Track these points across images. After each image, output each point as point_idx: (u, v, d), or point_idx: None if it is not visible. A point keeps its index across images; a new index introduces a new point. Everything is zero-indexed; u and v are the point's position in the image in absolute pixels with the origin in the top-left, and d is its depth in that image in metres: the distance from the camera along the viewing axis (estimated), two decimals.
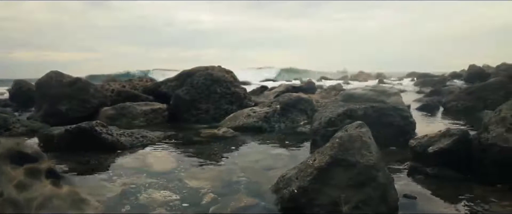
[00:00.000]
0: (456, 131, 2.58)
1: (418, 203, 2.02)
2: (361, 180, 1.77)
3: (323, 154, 1.83)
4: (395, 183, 2.36)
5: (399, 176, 2.57)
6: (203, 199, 2.18)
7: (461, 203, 2.05)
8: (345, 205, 1.72)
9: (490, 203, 2.03)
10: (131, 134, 3.48)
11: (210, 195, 2.24)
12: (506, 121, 2.26)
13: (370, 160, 1.81)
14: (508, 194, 2.15)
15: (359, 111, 3.41)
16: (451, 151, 2.51)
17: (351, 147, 1.85)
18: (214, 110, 4.73)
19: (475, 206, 2.00)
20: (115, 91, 4.98)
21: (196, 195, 2.23)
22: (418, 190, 2.27)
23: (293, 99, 4.50)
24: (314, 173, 1.77)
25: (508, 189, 2.21)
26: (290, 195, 1.75)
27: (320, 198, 1.73)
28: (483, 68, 10.44)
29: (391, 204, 1.77)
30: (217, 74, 4.88)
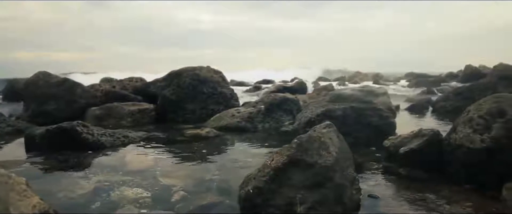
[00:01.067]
0: (427, 132, 2.59)
1: (380, 203, 2.04)
2: (318, 180, 1.78)
3: (281, 155, 1.85)
4: (366, 182, 2.41)
5: (372, 176, 2.59)
6: (173, 196, 2.22)
7: (424, 203, 2.06)
8: (301, 206, 1.73)
9: (453, 203, 2.05)
10: (112, 134, 3.51)
11: (180, 193, 2.28)
12: (473, 122, 2.27)
13: (328, 161, 1.83)
14: (473, 195, 2.16)
15: (337, 111, 3.42)
16: (421, 152, 2.52)
17: (309, 147, 1.86)
18: (201, 110, 4.77)
19: (437, 206, 2.01)
20: (103, 91, 5.03)
21: (167, 193, 2.28)
22: (385, 190, 2.29)
23: (278, 99, 4.51)
24: (270, 173, 1.79)
25: (474, 189, 2.22)
26: (246, 195, 1.77)
27: (275, 198, 1.75)
28: (479, 68, 10.38)
29: (347, 204, 1.79)
30: (204, 75, 4.91)
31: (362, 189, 2.20)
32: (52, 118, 4.25)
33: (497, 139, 2.13)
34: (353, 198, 1.87)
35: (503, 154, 2.11)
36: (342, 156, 2.10)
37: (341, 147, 2.12)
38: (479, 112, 2.27)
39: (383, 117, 3.49)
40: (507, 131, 2.13)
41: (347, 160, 2.17)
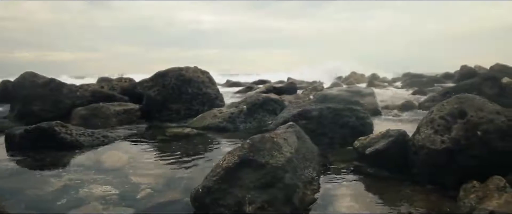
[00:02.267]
0: (394, 132, 2.60)
1: (336, 203, 2.05)
2: (268, 181, 1.80)
3: (232, 155, 1.87)
4: (331, 182, 2.43)
5: (340, 175, 2.60)
6: (139, 194, 2.27)
7: (381, 202, 2.08)
8: (250, 206, 1.76)
9: (410, 202, 2.06)
10: (91, 134, 3.56)
11: (147, 191, 2.32)
12: (434, 123, 2.28)
13: (279, 161, 1.85)
14: (433, 195, 2.17)
15: (313, 112, 3.44)
16: (386, 152, 2.53)
17: (262, 148, 1.89)
18: (185, 110, 4.80)
19: (393, 205, 2.02)
20: (90, 91, 5.08)
21: (134, 191, 2.32)
22: (347, 189, 2.30)
23: (261, 100, 4.54)
24: (220, 173, 1.81)
25: (435, 189, 2.23)
26: (195, 194, 1.79)
27: (225, 198, 1.77)
28: (475, 68, 10.33)
29: (296, 204, 1.80)
30: (189, 75, 4.94)
31: (326, 188, 2.22)
32: (38, 118, 4.30)
33: (457, 140, 2.14)
34: (306, 199, 1.88)
35: (462, 155, 2.12)
36: (300, 156, 2.12)
37: (299, 148, 2.15)
38: (440, 113, 2.28)
39: (360, 117, 3.50)
40: (466, 132, 2.13)
41: (306, 160, 2.20)
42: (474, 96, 2.32)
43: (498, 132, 2.09)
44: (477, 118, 2.15)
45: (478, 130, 2.11)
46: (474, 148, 2.09)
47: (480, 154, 2.08)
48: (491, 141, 2.07)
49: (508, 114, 2.20)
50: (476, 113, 2.17)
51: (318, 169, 2.40)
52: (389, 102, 6.14)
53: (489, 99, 5.42)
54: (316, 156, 2.55)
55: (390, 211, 1.96)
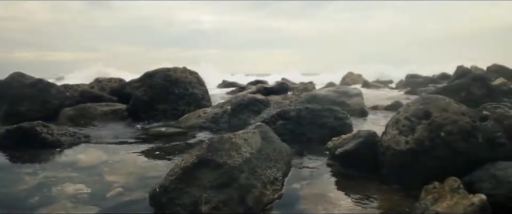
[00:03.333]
0: (363, 133, 2.61)
1: (297, 203, 2.06)
2: (224, 181, 1.82)
3: (191, 155, 1.89)
4: (300, 182, 2.43)
5: (310, 175, 2.59)
6: (109, 192, 2.30)
7: (344, 202, 2.08)
8: (205, 205, 1.78)
9: (372, 201, 2.07)
10: (73, 134, 3.60)
11: (118, 189, 2.35)
12: (399, 123, 2.29)
13: (236, 162, 1.87)
14: (397, 195, 2.17)
15: (291, 112, 3.45)
16: (355, 153, 2.55)
17: (220, 148, 1.91)
18: (172, 110, 4.83)
19: (353, 204, 2.03)
20: (78, 92, 5.13)
21: (106, 189, 2.35)
22: (313, 189, 2.29)
23: (246, 100, 4.55)
24: (178, 173, 1.83)
25: (401, 189, 2.23)
26: (152, 194, 1.82)
27: (181, 198, 1.79)
28: (471, 69, 10.28)
29: (251, 204, 1.82)
30: (176, 76, 4.97)
31: (291, 188, 2.23)
32: (25, 118, 4.34)
33: (421, 141, 2.15)
34: (263, 199, 1.90)
35: (426, 155, 2.13)
36: (263, 156, 2.14)
37: (262, 148, 2.17)
38: (406, 113, 2.29)
39: (338, 118, 3.51)
40: (430, 133, 2.14)
41: (271, 160, 2.21)
42: (439, 96, 2.32)
43: (461, 133, 2.09)
44: (441, 119, 2.15)
45: (441, 131, 2.12)
46: (437, 149, 2.10)
47: (443, 155, 2.08)
48: (454, 142, 2.08)
49: (473, 115, 2.20)
50: (440, 114, 2.17)
51: (285, 169, 2.41)
52: (379, 103, 6.13)
53: (478, 100, 5.42)
54: (286, 156, 2.56)
55: (349, 210, 1.97)
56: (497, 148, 2.09)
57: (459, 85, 5.31)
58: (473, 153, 2.05)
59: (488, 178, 1.73)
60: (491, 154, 2.06)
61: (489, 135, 2.10)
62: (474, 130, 2.11)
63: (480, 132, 2.10)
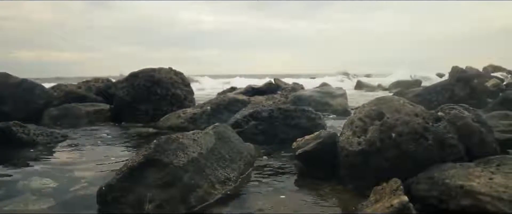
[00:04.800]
0: (324, 134, 2.63)
1: (246, 202, 2.07)
2: (169, 180, 1.85)
3: (139, 155, 1.93)
4: (255, 181, 2.45)
5: (271, 175, 2.61)
6: (74, 187, 2.35)
7: (294, 201, 2.10)
8: (149, 204, 1.81)
9: (321, 200, 2.09)
10: (50, 134, 3.67)
11: (83, 185, 2.41)
12: (353, 124, 2.30)
13: (181, 161, 1.90)
14: (348, 195, 2.19)
15: (263, 113, 3.47)
16: (315, 153, 2.56)
17: (167, 148, 1.94)
18: (154, 111, 4.88)
19: (303, 204, 2.04)
20: (63, 92, 5.20)
21: (72, 184, 2.41)
22: (268, 188, 2.30)
23: (226, 100, 4.59)
24: (124, 172, 1.87)
25: (355, 189, 2.24)
26: (99, 192, 1.85)
27: (127, 196, 1.83)
28: (466, 70, 10.21)
29: (193, 204, 1.84)
30: (159, 76, 5.02)
31: (244, 187, 2.25)
32: (9, 118, 4.41)
33: (372, 142, 2.15)
34: (209, 198, 1.93)
35: (377, 157, 2.14)
36: (215, 156, 2.17)
37: (215, 148, 2.20)
38: (359, 114, 2.30)
39: (311, 118, 3.52)
40: (381, 134, 2.14)
41: (225, 160, 2.24)
42: (394, 97, 2.33)
43: (411, 134, 2.09)
44: (393, 120, 2.15)
45: (392, 132, 2.12)
46: (387, 150, 2.10)
47: (392, 156, 2.09)
48: (403, 143, 2.08)
49: (427, 116, 2.21)
50: (393, 115, 2.18)
51: (244, 169, 2.44)
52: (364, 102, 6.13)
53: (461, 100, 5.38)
54: (247, 156, 2.59)
55: (295, 209, 1.98)
56: (447, 150, 2.09)
57: (443, 86, 5.30)
58: (422, 154, 2.05)
59: (425, 180, 1.73)
60: (441, 156, 2.07)
61: (440, 136, 2.10)
62: (425, 131, 2.11)
63: (431, 133, 2.11)
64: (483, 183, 1.57)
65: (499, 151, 2.37)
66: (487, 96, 6.43)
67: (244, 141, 3.35)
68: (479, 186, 1.55)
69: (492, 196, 1.47)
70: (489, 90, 6.52)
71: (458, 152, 2.12)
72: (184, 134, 2.07)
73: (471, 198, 1.49)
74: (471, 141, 2.21)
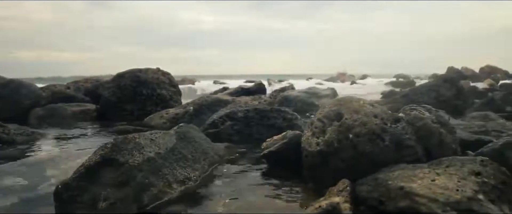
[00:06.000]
0: (290, 134, 2.65)
1: (201, 200, 2.09)
2: (124, 179, 1.88)
3: (95, 154, 1.96)
4: (217, 180, 2.46)
5: (235, 174, 2.62)
6: (42, 185, 2.39)
7: (250, 199, 2.11)
8: (103, 202, 1.84)
9: (278, 199, 2.11)
10: (30, 133, 3.73)
11: (51, 183, 2.43)
12: (313, 125, 2.31)
13: (136, 161, 1.93)
14: (306, 193, 2.21)
15: (239, 113, 3.50)
16: (279, 154, 2.59)
17: (124, 148, 1.97)
18: (139, 111, 4.93)
19: (258, 202, 2.06)
20: (50, 92, 5.27)
21: (41, 182, 2.44)
22: (228, 187, 2.31)
23: (209, 101, 4.62)
24: (81, 171, 1.90)
25: (315, 188, 2.25)
26: (55, 191, 1.89)
27: (82, 195, 1.86)
28: (461, 70, 10.14)
29: (146, 202, 1.87)
30: (144, 77, 5.07)
31: (203, 187, 2.26)
32: None
33: (330, 142, 2.17)
34: (161, 197, 1.95)
35: (334, 157, 2.15)
36: (175, 156, 2.20)
37: (175, 148, 2.22)
38: (319, 115, 2.31)
39: (287, 119, 3.54)
40: (339, 134, 2.16)
41: (187, 160, 2.27)
42: (354, 98, 2.34)
43: (368, 135, 2.10)
44: (352, 121, 2.17)
45: (350, 132, 2.14)
46: (344, 151, 2.12)
47: (348, 156, 2.10)
48: (360, 144, 2.09)
49: (386, 117, 2.22)
50: (351, 115, 2.19)
51: (208, 169, 2.46)
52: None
53: (448, 100, 5.36)
54: (213, 156, 2.61)
55: (248, 209, 2.00)
56: (404, 151, 2.10)
57: (429, 87, 5.28)
58: (378, 155, 2.06)
59: (370, 181, 1.74)
60: (398, 157, 2.08)
61: (397, 137, 2.11)
62: (382, 132, 2.12)
63: (388, 134, 2.12)
64: (424, 185, 1.58)
65: (459, 151, 2.38)
66: (477, 96, 6.41)
67: (220, 141, 3.39)
68: (419, 187, 1.56)
69: (429, 197, 1.48)
70: (479, 90, 6.48)
71: (415, 153, 2.13)
72: (141, 134, 2.10)
73: (409, 200, 1.50)
74: (430, 142, 2.21)
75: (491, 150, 2.22)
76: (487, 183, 1.64)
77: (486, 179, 1.66)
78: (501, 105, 4.90)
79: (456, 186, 1.58)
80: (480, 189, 1.59)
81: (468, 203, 1.46)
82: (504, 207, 1.58)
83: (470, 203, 1.46)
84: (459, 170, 1.75)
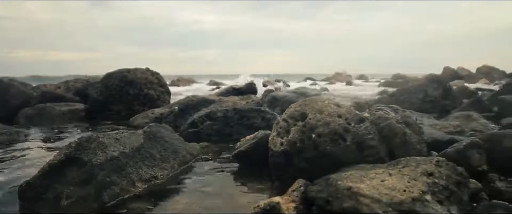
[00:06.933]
0: (260, 135, 2.67)
1: (165, 197, 2.12)
2: (86, 177, 1.92)
3: (60, 153, 1.99)
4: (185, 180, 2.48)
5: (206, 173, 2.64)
6: (14, 184, 2.39)
7: (213, 196, 2.15)
8: (66, 200, 1.88)
9: (241, 197, 2.13)
10: (13, 133, 3.78)
11: (23, 181, 2.48)
12: (278, 125, 2.33)
13: (99, 160, 1.96)
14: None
15: (218, 113, 3.52)
16: (249, 153, 2.61)
17: (88, 147, 2.00)
18: (126, 110, 4.97)
19: (219, 199, 2.09)
20: (40, 92, 5.32)
21: (14, 181, 2.45)
22: (195, 186, 2.34)
23: (195, 100, 4.64)
24: (45, 169, 1.94)
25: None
26: (19, 189, 1.92)
27: (46, 193, 1.90)
28: (457, 70, 10.09)
29: (106, 200, 1.91)
30: (132, 77, 5.10)
31: (169, 185, 2.29)
32: None
33: (293, 142, 2.18)
34: (123, 195, 1.98)
35: (297, 157, 2.16)
36: (141, 156, 2.22)
37: (142, 147, 2.25)
38: (284, 115, 2.33)
39: (266, 119, 3.55)
40: (302, 134, 2.17)
41: (153, 160, 2.30)
42: (319, 98, 2.35)
43: (331, 135, 2.12)
44: (315, 121, 2.18)
45: (313, 133, 2.15)
46: (306, 151, 2.13)
47: (310, 156, 2.12)
48: (322, 144, 2.11)
49: (350, 117, 2.23)
50: (315, 115, 2.20)
51: (177, 168, 2.49)
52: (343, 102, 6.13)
53: (435, 101, 5.35)
54: (185, 156, 2.64)
55: (209, 207, 2.02)
56: (366, 151, 2.11)
57: (417, 87, 5.27)
58: (339, 155, 2.08)
59: (321, 181, 1.75)
60: (359, 157, 2.09)
61: (359, 137, 2.12)
62: (345, 132, 2.14)
63: (350, 134, 2.13)
64: (372, 185, 1.60)
65: (425, 152, 2.39)
66: (468, 96, 6.38)
67: (200, 140, 3.42)
68: (366, 188, 1.57)
69: (373, 198, 1.49)
70: (470, 90, 6.45)
71: (377, 153, 2.14)
72: (106, 134, 2.13)
73: (353, 200, 1.51)
74: (394, 143, 2.22)
75: (455, 151, 2.23)
76: (438, 183, 1.65)
77: (437, 179, 1.67)
78: (488, 105, 4.88)
79: (404, 187, 1.59)
80: (429, 189, 1.60)
81: (411, 203, 1.47)
82: (453, 208, 1.59)
83: (414, 204, 1.47)
84: (413, 170, 1.76)
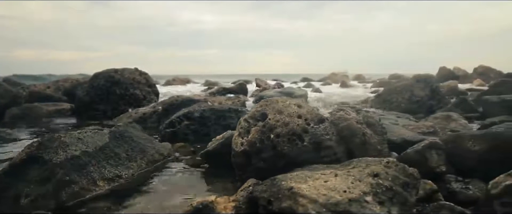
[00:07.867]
0: (227, 135, 2.69)
1: (127, 197, 2.15)
2: (46, 176, 1.97)
3: (22, 152, 2.04)
4: (153, 178, 2.53)
5: (175, 173, 2.67)
6: None
7: (175, 195, 2.18)
8: (25, 198, 1.92)
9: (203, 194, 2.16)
10: None
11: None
12: (240, 125, 2.36)
13: (59, 159, 2.00)
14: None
15: (195, 113, 3.55)
16: (215, 153, 2.64)
17: (49, 146, 2.05)
18: (112, 110, 5.02)
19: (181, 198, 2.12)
20: (28, 91, 5.40)
21: None
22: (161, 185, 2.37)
23: (179, 100, 4.68)
24: (6, 169, 1.99)
25: None
26: None
27: (7, 191, 1.94)
28: (453, 71, 10.03)
29: (64, 199, 1.95)
30: (118, 77, 5.15)
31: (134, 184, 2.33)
32: None
33: (253, 142, 2.21)
34: (83, 194, 2.03)
35: (256, 157, 2.19)
36: (105, 155, 2.26)
37: (106, 147, 2.29)
38: (246, 115, 2.35)
39: None
40: (261, 135, 2.20)
41: (118, 159, 2.34)
42: (280, 98, 2.37)
43: (289, 136, 2.14)
44: (274, 121, 2.21)
45: (272, 133, 2.17)
46: (264, 151, 2.16)
47: (268, 156, 2.14)
48: (280, 144, 2.13)
49: (310, 117, 2.25)
50: (274, 116, 2.23)
51: (143, 167, 2.52)
52: (334, 103, 6.15)
53: (421, 100, 5.34)
54: (153, 155, 2.68)
55: (168, 207, 2.05)
56: (323, 151, 2.13)
57: (403, 87, 5.26)
58: (296, 155, 2.10)
59: (267, 181, 1.77)
60: (316, 157, 2.11)
61: (317, 138, 2.14)
62: (303, 132, 2.16)
63: (309, 135, 2.15)
64: (314, 186, 1.62)
65: (386, 152, 2.40)
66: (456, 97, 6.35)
67: (177, 140, 3.46)
68: (307, 188, 1.59)
69: (310, 198, 1.51)
70: (460, 91, 6.41)
71: (334, 154, 2.16)
72: (68, 133, 2.17)
73: (292, 201, 1.53)
74: (353, 143, 2.24)
75: (414, 151, 2.24)
76: (382, 184, 1.66)
77: (382, 180, 1.68)
78: (473, 106, 4.86)
79: (346, 187, 1.61)
80: (371, 190, 1.61)
81: (347, 204, 1.49)
82: (394, 209, 1.60)
83: (350, 205, 1.49)
84: (361, 171, 1.78)
